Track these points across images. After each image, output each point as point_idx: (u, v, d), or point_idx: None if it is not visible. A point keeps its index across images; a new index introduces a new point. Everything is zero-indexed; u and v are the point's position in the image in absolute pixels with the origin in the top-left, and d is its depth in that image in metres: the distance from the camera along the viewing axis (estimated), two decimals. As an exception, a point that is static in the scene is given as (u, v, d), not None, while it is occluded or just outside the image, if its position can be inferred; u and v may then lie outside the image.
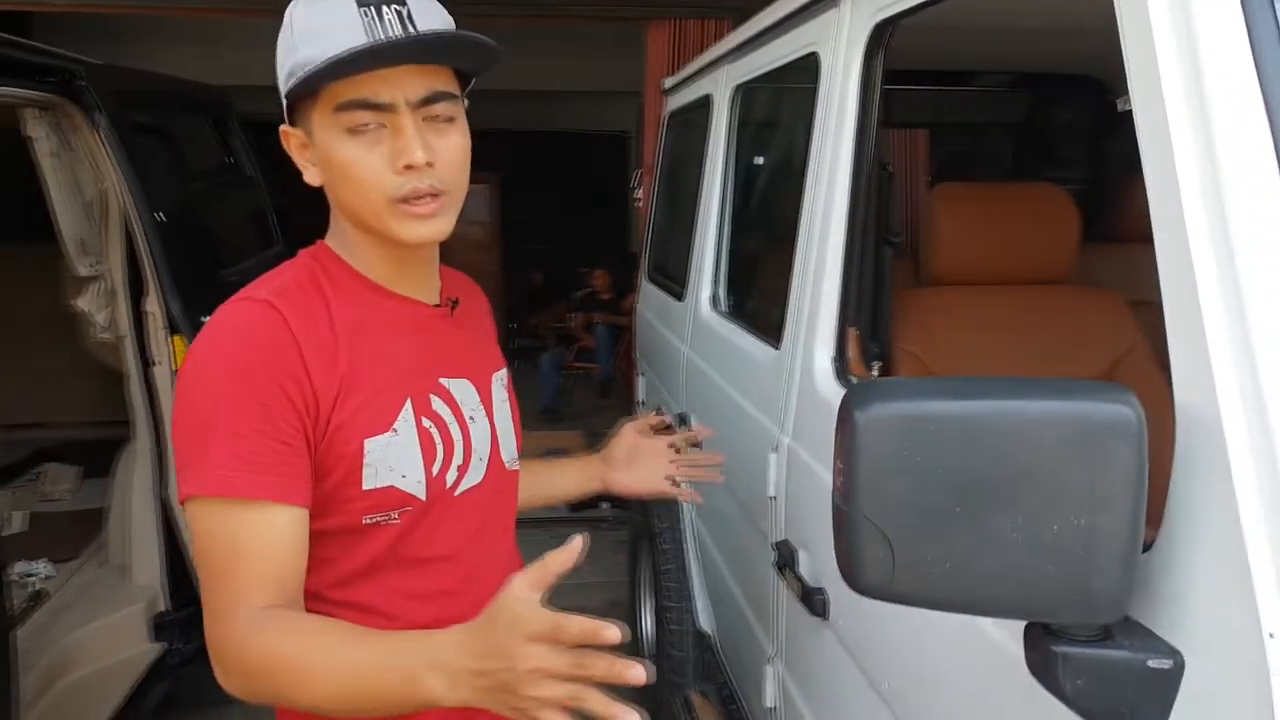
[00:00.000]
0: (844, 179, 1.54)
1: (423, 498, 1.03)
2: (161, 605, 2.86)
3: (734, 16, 4.80)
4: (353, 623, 0.96)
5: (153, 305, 2.70)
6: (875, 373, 1.51)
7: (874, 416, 0.72)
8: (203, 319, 1.14)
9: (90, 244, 2.77)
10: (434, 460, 1.05)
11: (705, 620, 2.47)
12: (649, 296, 3.22)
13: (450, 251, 1.15)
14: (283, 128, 1.02)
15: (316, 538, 1.00)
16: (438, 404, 1.07)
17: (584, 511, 4.95)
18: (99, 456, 3.39)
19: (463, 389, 1.10)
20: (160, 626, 2.84)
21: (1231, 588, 0.67)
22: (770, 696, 1.76)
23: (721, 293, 2.37)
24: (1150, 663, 0.71)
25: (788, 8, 1.88)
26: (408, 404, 1.03)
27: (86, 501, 3.62)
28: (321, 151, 0.99)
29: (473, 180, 1.04)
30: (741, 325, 2.09)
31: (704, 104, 2.63)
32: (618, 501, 4.99)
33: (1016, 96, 2.96)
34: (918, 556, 0.73)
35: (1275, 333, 0.68)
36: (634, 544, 3.07)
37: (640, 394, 3.36)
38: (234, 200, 3.40)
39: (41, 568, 3.07)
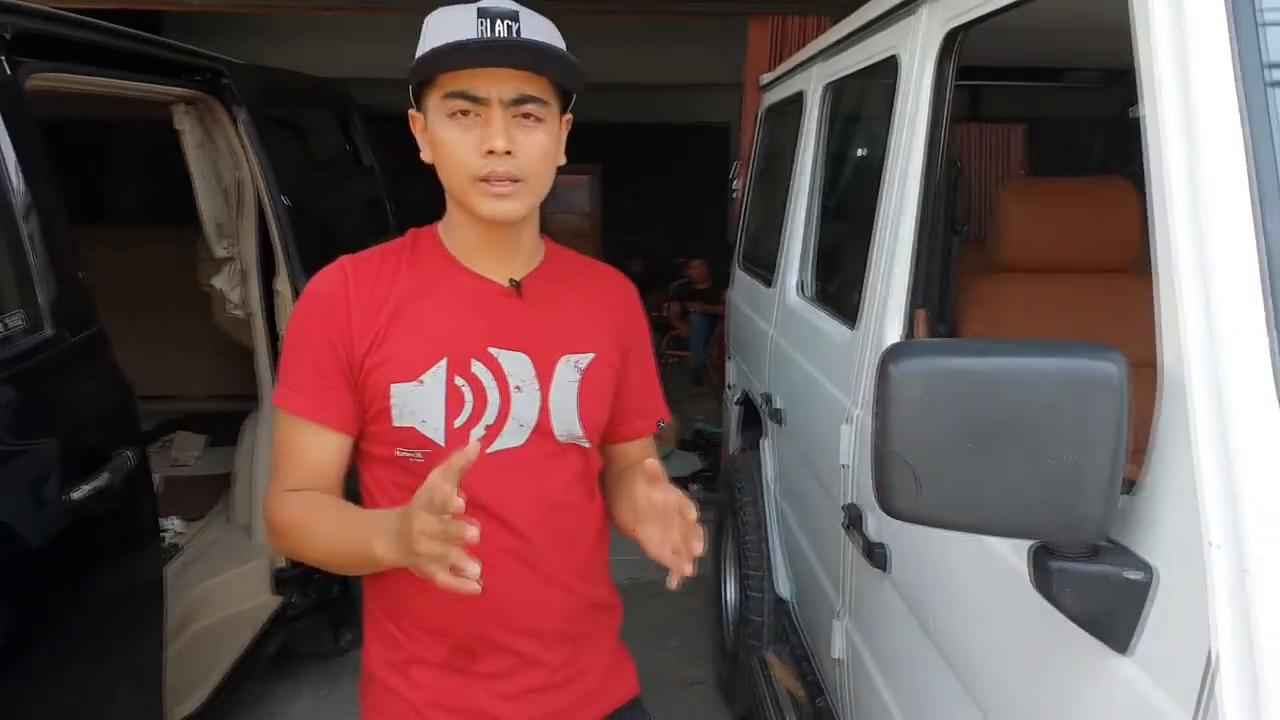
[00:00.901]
0: (916, 173, 1.70)
1: (441, 444, 1.23)
2: (281, 562, 3.16)
3: (834, 14, 4.93)
4: None
5: (283, 284, 3.01)
6: (939, 351, 1.68)
7: (905, 370, 0.91)
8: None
9: (226, 228, 3.09)
10: (458, 414, 1.23)
11: (784, 587, 2.66)
12: (740, 284, 3.41)
13: (553, 239, 1.33)
14: (412, 111, 1.25)
15: (376, 462, 1.29)
16: (478, 368, 1.25)
17: None
18: (223, 426, 3.76)
19: (515, 361, 1.26)
20: (280, 581, 3.14)
21: (1194, 515, 0.84)
22: (838, 649, 1.95)
23: (807, 279, 2.55)
24: (1127, 574, 0.89)
25: (872, 13, 2.05)
26: (442, 363, 1.23)
27: (211, 467, 3.98)
28: (430, 131, 1.21)
29: (575, 171, 1.25)
30: (823, 309, 2.27)
31: (796, 100, 2.80)
32: (708, 484, 5.21)
33: (1110, 93, 3.04)
34: (938, 485, 0.91)
35: (1233, 315, 0.84)
36: (719, 519, 3.27)
37: (730, 378, 3.56)
38: (354, 188, 3.71)
39: (174, 524, 3.43)
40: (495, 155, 1.16)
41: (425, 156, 1.25)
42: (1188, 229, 0.88)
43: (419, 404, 1.23)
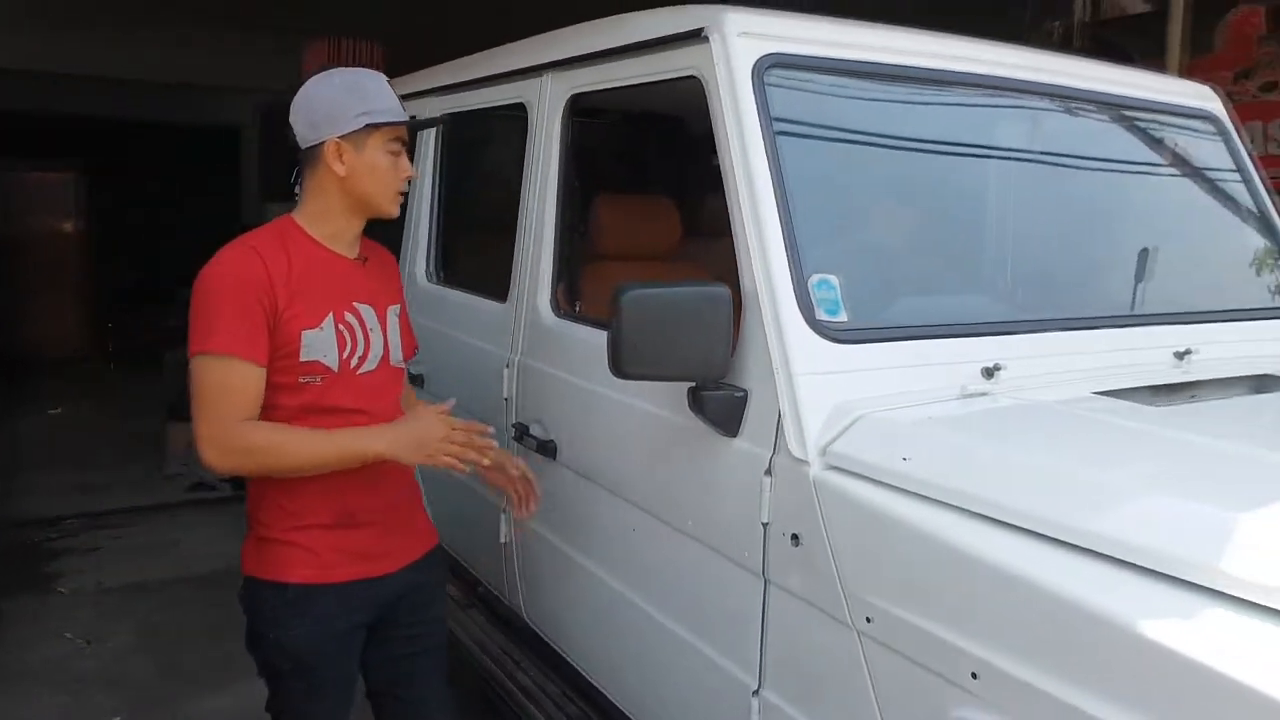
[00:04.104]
0: (553, 191, 2.54)
1: (335, 370, 1.88)
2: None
3: (381, 38, 5.64)
4: None
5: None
6: (577, 308, 2.55)
7: (629, 297, 1.73)
8: None
9: None
10: (344, 349, 1.90)
11: (428, 521, 3.35)
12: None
13: (37, 245, 1.93)
14: (334, 140, 1.84)
15: (277, 389, 1.84)
16: (350, 317, 1.92)
17: (200, 493, 5.45)
18: None
19: (367, 312, 1.96)
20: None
21: (766, 360, 1.77)
22: (504, 534, 2.72)
23: (434, 268, 3.27)
24: (735, 394, 1.81)
25: (498, 68, 2.86)
26: (330, 314, 1.88)
27: None
28: (368, 159, 1.85)
29: (56, 168, 1.93)
30: (465, 290, 3.02)
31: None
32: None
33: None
34: (647, 356, 1.75)
35: (775, 263, 1.79)
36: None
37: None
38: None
39: None
40: (408, 180, 1.92)
41: (339, 171, 1.86)
42: (751, 217, 1.82)
43: (321, 343, 1.85)
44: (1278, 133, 5.82)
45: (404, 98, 3.75)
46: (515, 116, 2.77)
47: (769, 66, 1.93)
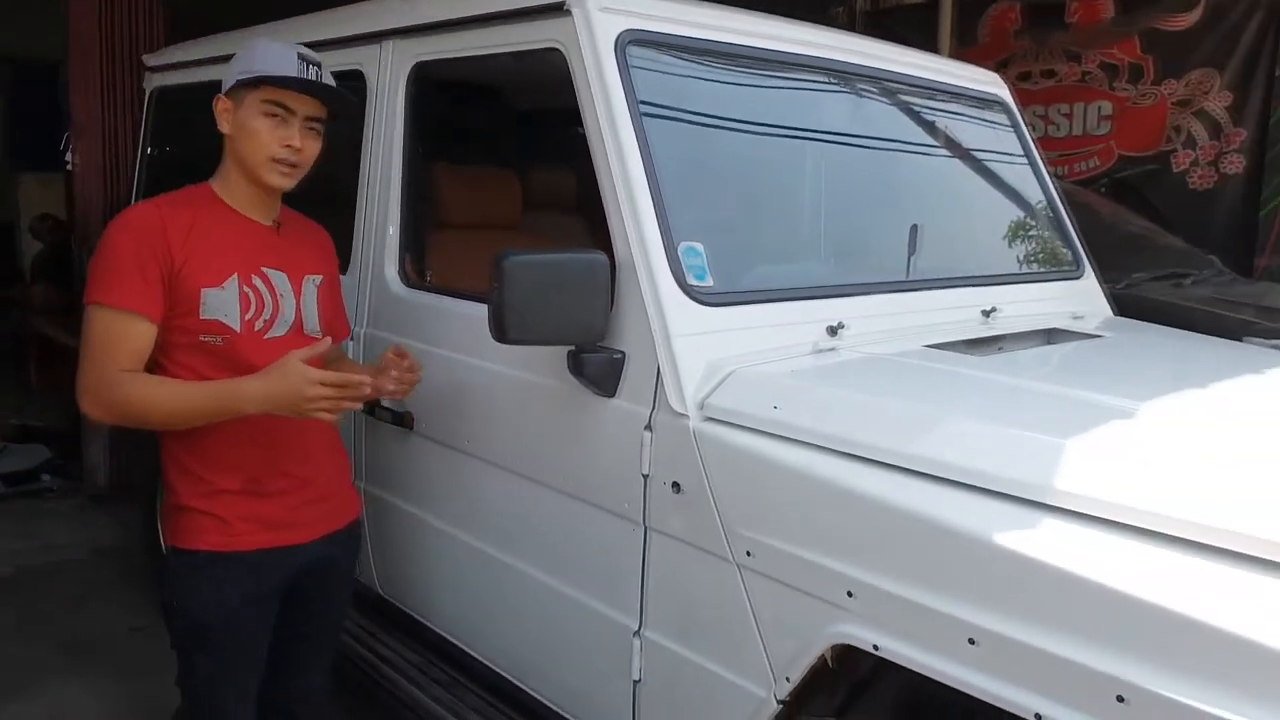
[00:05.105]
0: (399, 161, 2.57)
1: (237, 330, 1.89)
2: None
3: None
4: None
5: None
6: (428, 277, 2.60)
7: (511, 263, 1.82)
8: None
9: None
10: (248, 311, 1.91)
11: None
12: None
13: None
14: (220, 96, 1.91)
15: (179, 348, 1.86)
16: (257, 280, 1.93)
17: (24, 485, 5.12)
18: None
19: (278, 277, 1.98)
20: None
21: (643, 326, 1.92)
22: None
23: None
24: (614, 356, 1.94)
25: (331, 34, 2.83)
26: (235, 275, 1.89)
27: None
28: (242, 119, 1.86)
29: None
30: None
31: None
32: (60, 471, 5.23)
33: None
34: (530, 321, 1.85)
35: (647, 231, 1.93)
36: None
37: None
38: None
39: None
40: (290, 148, 1.87)
41: (224, 128, 1.90)
42: (623, 188, 1.96)
43: (222, 303, 1.86)
44: (1031, 118, 6.55)
45: (211, 61, 3.64)
46: (351, 85, 2.76)
47: (629, 42, 2.07)
